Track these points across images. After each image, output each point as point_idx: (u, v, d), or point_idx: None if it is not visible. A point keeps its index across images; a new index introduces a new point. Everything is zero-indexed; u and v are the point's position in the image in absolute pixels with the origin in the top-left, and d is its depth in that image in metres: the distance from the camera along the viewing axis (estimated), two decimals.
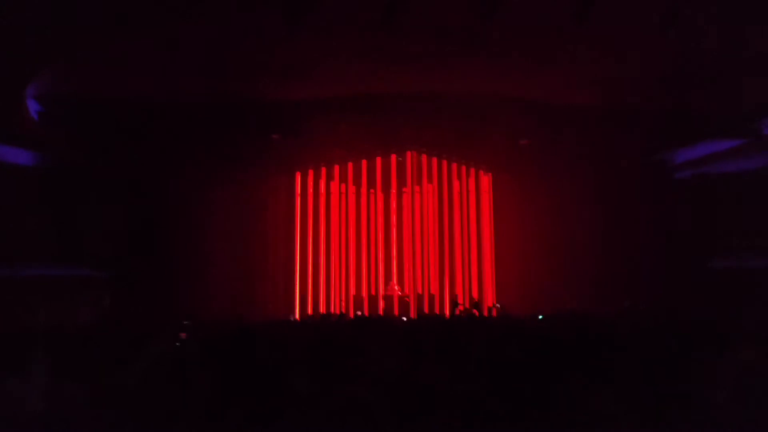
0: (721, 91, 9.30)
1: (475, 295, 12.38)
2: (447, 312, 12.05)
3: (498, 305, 11.65)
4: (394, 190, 12.65)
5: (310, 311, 12.21)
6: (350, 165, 12.62)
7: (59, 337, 7.96)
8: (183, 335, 7.82)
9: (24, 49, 7.36)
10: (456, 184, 12.73)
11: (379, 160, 12.62)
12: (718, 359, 4.92)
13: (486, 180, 12.62)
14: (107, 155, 10.31)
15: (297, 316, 11.28)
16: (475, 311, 10.76)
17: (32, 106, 9.18)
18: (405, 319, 10.79)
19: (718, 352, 5.10)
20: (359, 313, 11.77)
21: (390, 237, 12.64)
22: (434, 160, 12.66)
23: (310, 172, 12.62)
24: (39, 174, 10.23)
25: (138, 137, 10.00)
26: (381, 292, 12.42)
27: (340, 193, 12.64)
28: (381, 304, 12.17)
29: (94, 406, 5.08)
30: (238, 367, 6.76)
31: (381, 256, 12.55)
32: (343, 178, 12.66)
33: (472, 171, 12.65)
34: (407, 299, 12.12)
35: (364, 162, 12.56)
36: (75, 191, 10.41)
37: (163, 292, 10.33)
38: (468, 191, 12.66)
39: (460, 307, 11.62)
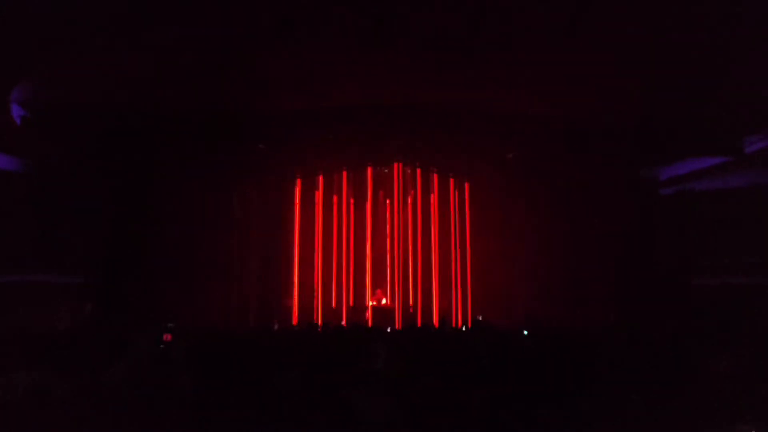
0: (704, 109, 9.36)
1: (455, 306, 12.37)
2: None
3: (479, 317, 11.66)
4: (380, 201, 12.65)
5: (294, 321, 12.17)
6: (335, 175, 12.60)
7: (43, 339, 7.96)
8: (168, 337, 7.81)
9: (6, 54, 7.35)
10: (440, 195, 12.73)
11: (369, 171, 12.63)
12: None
13: (469, 192, 12.63)
14: (90, 161, 10.26)
15: (276, 325, 11.24)
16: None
17: (15, 111, 9.14)
18: (389, 329, 10.79)
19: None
20: (341, 323, 11.73)
21: (374, 247, 12.62)
22: (419, 171, 12.67)
23: (298, 182, 12.60)
24: (21, 179, 10.16)
25: (121, 143, 9.97)
26: (367, 302, 12.37)
27: (322, 203, 12.60)
28: (367, 314, 12.10)
29: (77, 404, 5.10)
30: (219, 373, 6.78)
31: (367, 266, 12.52)
32: (329, 189, 12.63)
33: (457, 183, 12.64)
34: (390, 308, 12.11)
35: (344, 173, 12.56)
36: (57, 197, 10.35)
37: (145, 299, 10.26)
38: (454, 202, 12.66)
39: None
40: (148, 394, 6.49)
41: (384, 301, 12.23)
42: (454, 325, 11.91)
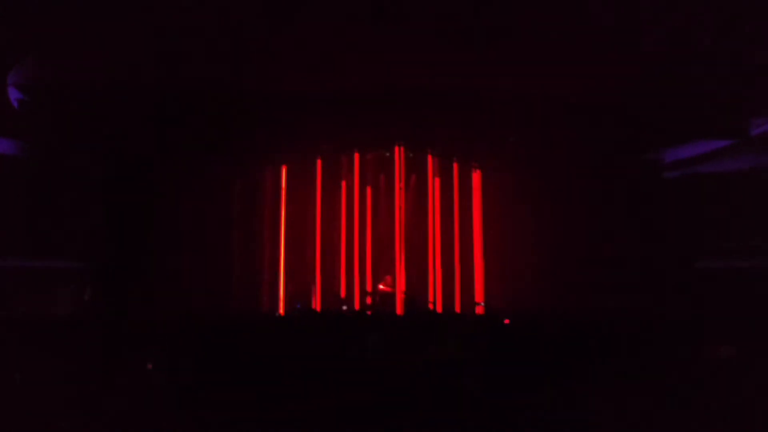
0: (710, 91, 9.28)
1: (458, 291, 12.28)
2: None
3: (481, 303, 11.66)
4: (381, 186, 12.53)
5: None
6: (337, 159, 12.47)
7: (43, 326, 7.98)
8: None
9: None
10: (443, 179, 12.59)
11: (370, 156, 12.50)
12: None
13: (475, 177, 12.49)
14: (88, 144, 10.20)
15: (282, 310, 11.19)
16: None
17: (12, 94, 9.07)
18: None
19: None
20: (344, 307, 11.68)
21: (376, 232, 12.52)
22: (422, 155, 12.51)
23: (297, 166, 12.45)
24: (19, 163, 10.10)
25: (121, 127, 9.90)
26: (372, 288, 12.28)
27: (324, 187, 12.46)
28: (370, 300, 12.02)
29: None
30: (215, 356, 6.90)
31: (369, 252, 12.42)
32: (329, 173, 12.49)
33: (461, 167, 12.50)
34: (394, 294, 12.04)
35: (345, 158, 12.43)
36: (55, 181, 10.29)
37: (143, 285, 10.23)
38: (459, 188, 12.52)
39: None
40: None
41: (381, 286, 12.15)
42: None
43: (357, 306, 11.98)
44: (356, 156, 12.32)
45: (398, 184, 12.24)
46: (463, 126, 11.10)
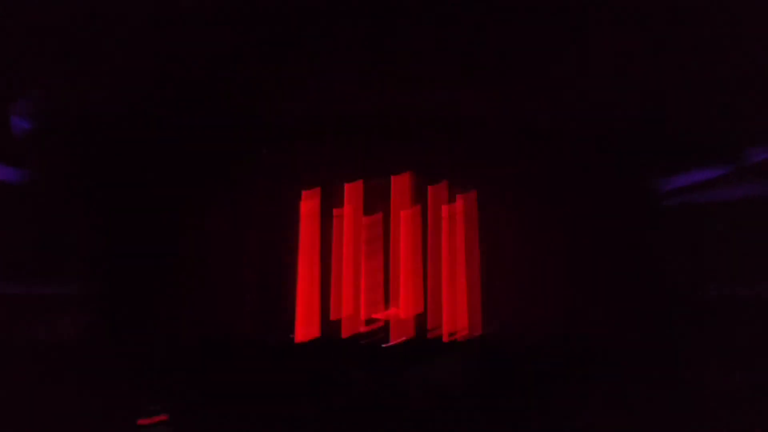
0: (707, 119, 9.37)
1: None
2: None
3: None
4: (382, 212, 12.54)
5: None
6: (335, 186, 12.49)
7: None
8: None
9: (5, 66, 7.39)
10: (440, 206, 12.59)
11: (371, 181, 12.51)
12: None
13: (469, 202, 12.48)
14: (91, 171, 10.27)
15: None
16: None
17: (16, 122, 9.17)
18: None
19: None
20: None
21: (377, 259, 12.48)
22: (420, 182, 12.54)
23: (301, 193, 12.47)
24: (22, 190, 10.15)
25: (122, 153, 9.99)
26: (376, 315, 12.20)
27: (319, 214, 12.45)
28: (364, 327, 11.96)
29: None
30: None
31: (366, 279, 12.37)
32: (327, 200, 12.49)
33: (463, 193, 12.51)
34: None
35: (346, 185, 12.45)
36: (58, 208, 10.34)
37: (145, 310, 10.23)
38: (454, 214, 12.51)
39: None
40: None
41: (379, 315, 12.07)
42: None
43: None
44: (358, 184, 12.35)
45: (400, 212, 12.25)
46: (468, 153, 11.18)
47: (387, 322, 11.99)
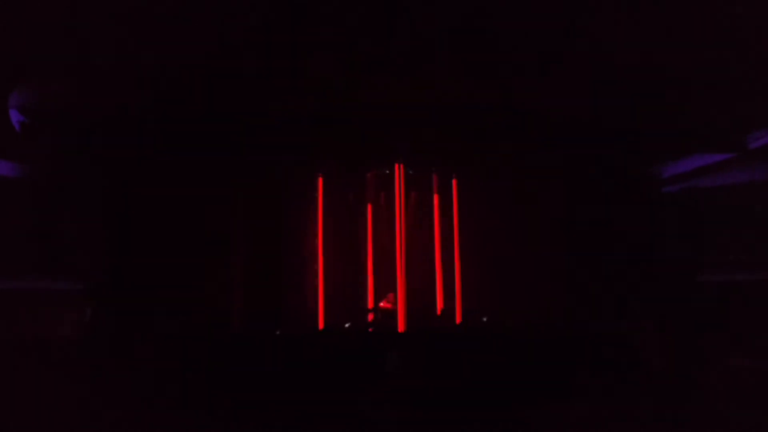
0: (707, 105, 9.34)
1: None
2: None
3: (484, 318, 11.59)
4: (381, 202, 12.55)
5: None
6: (337, 176, 12.49)
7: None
8: None
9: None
10: (437, 194, 12.59)
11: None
12: None
13: (462, 189, 12.49)
14: (92, 164, 10.25)
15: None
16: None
17: (13, 116, 9.14)
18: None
19: None
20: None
21: (379, 249, 12.51)
22: (420, 171, 12.53)
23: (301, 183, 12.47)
24: (20, 184, 10.13)
25: (123, 147, 9.96)
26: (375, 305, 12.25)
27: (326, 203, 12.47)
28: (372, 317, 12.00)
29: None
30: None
31: (370, 268, 12.41)
32: (329, 190, 12.50)
33: (460, 183, 12.50)
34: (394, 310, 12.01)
35: (349, 176, 12.45)
36: (58, 202, 10.33)
37: (145, 304, 10.22)
38: (450, 201, 12.51)
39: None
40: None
41: (382, 304, 12.13)
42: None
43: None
44: (360, 173, 12.37)
45: (398, 201, 12.25)
46: (463, 142, 11.14)
47: (391, 310, 12.05)
